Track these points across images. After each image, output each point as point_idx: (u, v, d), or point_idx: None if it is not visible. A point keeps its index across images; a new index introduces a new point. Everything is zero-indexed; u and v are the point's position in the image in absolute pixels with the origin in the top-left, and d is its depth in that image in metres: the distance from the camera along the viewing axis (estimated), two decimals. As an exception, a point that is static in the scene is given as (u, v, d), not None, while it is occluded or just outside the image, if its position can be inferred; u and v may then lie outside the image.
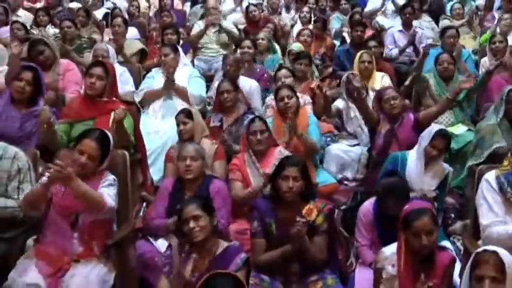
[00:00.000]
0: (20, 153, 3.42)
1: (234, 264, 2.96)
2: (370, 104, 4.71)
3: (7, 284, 3.01)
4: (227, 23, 7.26)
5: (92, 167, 3.24)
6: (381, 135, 4.46)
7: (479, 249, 2.44)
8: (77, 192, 3.01)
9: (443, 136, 3.86)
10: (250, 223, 3.45)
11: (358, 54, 5.73)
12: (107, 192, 3.17)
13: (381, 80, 5.66)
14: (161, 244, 3.51)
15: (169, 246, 3.25)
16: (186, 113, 4.29)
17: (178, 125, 4.26)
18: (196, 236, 2.96)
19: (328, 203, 3.48)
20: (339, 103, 5.17)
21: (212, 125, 4.76)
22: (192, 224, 2.95)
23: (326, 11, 8.86)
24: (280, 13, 8.49)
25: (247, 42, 6.33)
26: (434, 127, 3.93)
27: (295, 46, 6.40)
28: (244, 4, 8.30)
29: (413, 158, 3.90)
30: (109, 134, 3.44)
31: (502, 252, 2.39)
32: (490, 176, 3.09)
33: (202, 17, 7.66)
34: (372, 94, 5.10)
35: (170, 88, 5.21)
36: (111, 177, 3.30)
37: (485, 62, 5.84)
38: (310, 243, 3.21)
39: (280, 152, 4.02)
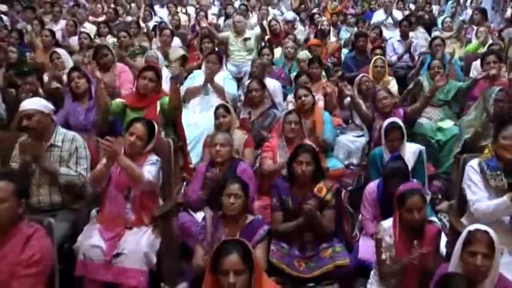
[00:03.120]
0: (76, 136, 3.47)
1: (258, 235, 2.98)
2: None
3: (76, 245, 3.08)
4: (252, 33, 7.26)
5: (140, 147, 3.27)
6: (376, 130, 4.42)
7: (471, 228, 2.40)
8: (121, 164, 3.07)
9: (394, 127, 3.81)
10: (270, 199, 3.45)
11: (373, 59, 5.68)
12: (148, 169, 3.19)
13: (390, 82, 5.61)
14: (200, 216, 3.54)
15: (204, 218, 3.23)
16: (225, 108, 4.28)
17: (218, 117, 4.23)
18: (232, 210, 2.97)
19: (335, 183, 3.49)
20: (351, 99, 5.15)
21: (242, 117, 4.78)
22: (232, 200, 2.96)
23: (337, 25, 8.79)
24: (295, 28, 8.43)
25: (266, 50, 6.30)
26: (384, 123, 3.88)
27: (303, 54, 6.28)
28: (269, 18, 8.28)
29: (384, 153, 3.86)
30: (154, 123, 3.47)
31: (492, 232, 2.37)
32: (473, 162, 3.06)
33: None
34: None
35: (211, 83, 5.22)
36: (154, 158, 3.31)
37: (476, 64, 5.71)
38: (320, 215, 3.22)
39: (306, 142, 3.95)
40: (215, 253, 2.28)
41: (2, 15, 8.91)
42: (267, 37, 7.63)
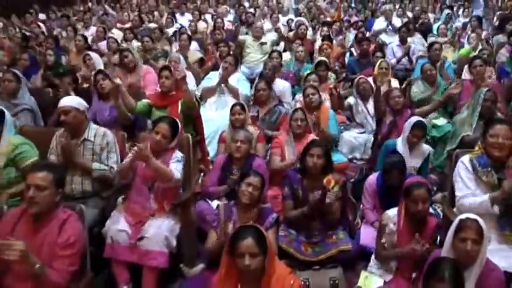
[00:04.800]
0: (107, 132, 3.47)
1: (268, 222, 2.97)
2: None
3: (104, 230, 3.11)
4: (268, 39, 7.26)
5: (165, 144, 3.26)
6: (385, 125, 4.41)
7: (463, 217, 2.40)
8: (152, 167, 3.05)
9: (420, 126, 3.79)
10: (282, 189, 3.45)
11: (378, 62, 5.61)
12: (175, 167, 3.18)
13: (392, 82, 5.57)
14: (215, 204, 3.55)
15: (217, 206, 3.22)
16: (241, 107, 4.25)
17: (234, 114, 4.19)
18: (247, 199, 2.96)
19: (342, 177, 3.48)
20: (351, 100, 5.12)
21: (250, 114, 4.73)
22: (250, 189, 2.96)
23: (342, 30, 8.75)
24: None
25: (275, 54, 6.26)
26: (413, 119, 3.84)
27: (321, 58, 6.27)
28: (279, 25, 8.24)
29: (400, 144, 3.84)
30: (178, 121, 3.46)
31: (480, 220, 2.37)
32: (465, 158, 3.02)
33: (247, 33, 7.70)
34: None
35: (225, 83, 5.21)
36: (179, 155, 3.30)
37: (467, 68, 5.65)
38: (328, 206, 3.22)
39: (312, 138, 3.95)
40: (232, 237, 2.29)
41: (41, 23, 9.02)
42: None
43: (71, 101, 3.41)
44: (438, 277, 2.15)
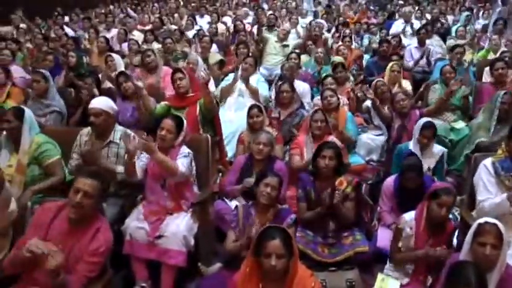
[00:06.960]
0: (132, 135, 3.50)
1: (286, 222, 2.96)
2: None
3: (124, 227, 3.14)
4: (292, 42, 7.28)
5: (170, 140, 3.27)
6: (394, 129, 4.38)
7: (481, 221, 2.36)
8: (157, 160, 3.08)
9: (429, 127, 3.76)
10: (296, 191, 3.44)
11: (390, 64, 5.57)
12: (181, 162, 3.19)
13: (404, 84, 5.53)
14: (233, 204, 3.54)
15: (236, 207, 3.21)
16: (258, 109, 4.23)
17: (252, 117, 4.17)
18: (265, 199, 2.96)
19: (355, 177, 3.46)
20: (368, 103, 5.08)
21: (272, 116, 4.72)
22: (269, 190, 2.95)
23: (360, 33, 8.69)
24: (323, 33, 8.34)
25: (293, 55, 6.23)
26: (421, 121, 3.81)
27: (337, 58, 6.21)
28: (298, 27, 8.22)
29: (412, 147, 3.81)
30: (183, 118, 3.46)
31: (500, 224, 2.33)
32: (487, 162, 2.99)
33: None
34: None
35: (246, 84, 5.20)
36: (186, 151, 3.30)
37: (487, 71, 5.57)
38: (341, 206, 3.20)
39: (331, 139, 3.91)
40: (259, 237, 2.28)
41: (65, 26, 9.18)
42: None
43: (101, 103, 3.42)
44: (464, 282, 2.11)
